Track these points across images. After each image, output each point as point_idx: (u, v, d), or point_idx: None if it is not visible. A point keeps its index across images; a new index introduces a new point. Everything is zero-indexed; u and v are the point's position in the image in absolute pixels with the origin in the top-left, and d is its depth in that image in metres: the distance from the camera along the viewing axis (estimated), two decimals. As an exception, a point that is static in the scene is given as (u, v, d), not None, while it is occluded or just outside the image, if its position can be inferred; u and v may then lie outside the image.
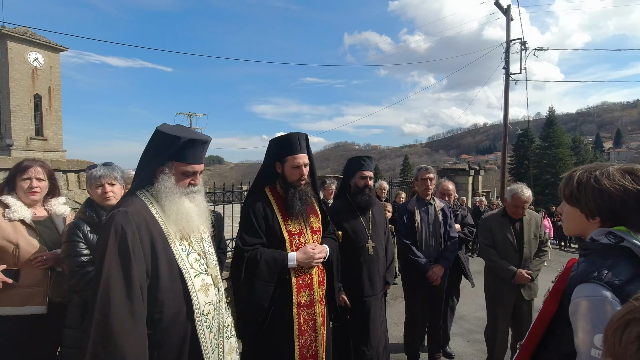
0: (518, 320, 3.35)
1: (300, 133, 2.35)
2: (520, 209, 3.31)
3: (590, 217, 1.29)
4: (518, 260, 3.30)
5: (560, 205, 1.45)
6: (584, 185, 1.29)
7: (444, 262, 3.45)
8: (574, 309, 1.21)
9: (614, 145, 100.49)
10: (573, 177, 1.34)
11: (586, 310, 1.16)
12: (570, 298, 1.22)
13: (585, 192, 1.28)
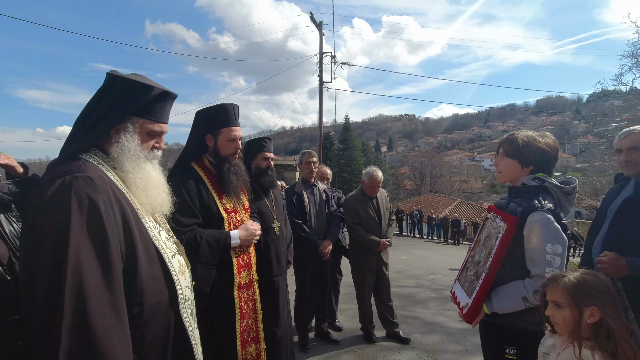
0: (380, 280, 4.03)
1: (234, 104, 2.22)
2: (376, 188, 3.97)
3: (525, 167, 1.85)
4: (379, 231, 3.95)
5: (497, 160, 1.98)
6: (527, 143, 1.84)
7: (331, 237, 3.82)
8: (529, 229, 1.72)
9: (388, 149, 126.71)
10: (515, 138, 1.89)
11: (540, 228, 1.69)
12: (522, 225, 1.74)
13: (529, 148, 1.83)
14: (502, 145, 1.97)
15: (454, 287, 2.17)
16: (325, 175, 4.46)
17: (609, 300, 1.31)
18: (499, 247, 1.79)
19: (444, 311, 5.16)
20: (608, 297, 1.31)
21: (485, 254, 1.91)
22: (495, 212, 1.99)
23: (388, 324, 4.06)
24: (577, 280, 1.35)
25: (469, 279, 1.99)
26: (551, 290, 1.41)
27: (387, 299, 4.05)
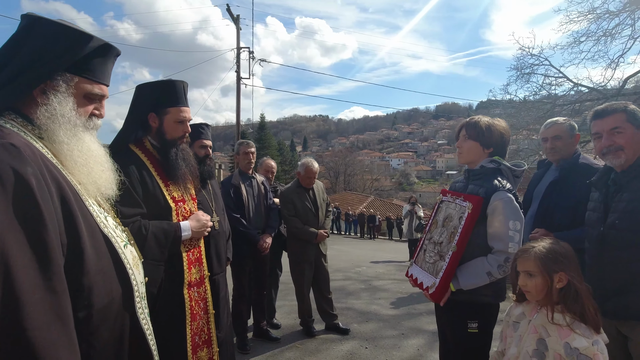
0: (319, 272, 3.98)
1: (184, 81, 1.94)
2: (312, 179, 3.90)
3: (486, 148, 1.93)
4: (317, 223, 3.89)
5: (459, 142, 2.03)
6: (489, 127, 1.91)
7: (271, 231, 3.65)
8: (493, 208, 1.79)
9: (303, 149, 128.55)
10: (477, 122, 1.96)
11: (502, 207, 1.76)
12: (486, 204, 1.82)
13: (491, 131, 1.90)
14: (463, 128, 2.04)
15: (411, 269, 2.19)
16: (270, 168, 4.27)
17: (573, 265, 1.42)
18: (466, 225, 1.84)
19: (375, 300, 5.33)
20: (572, 262, 1.43)
21: (447, 235, 1.96)
22: (453, 195, 2.05)
23: (327, 316, 4.03)
24: (545, 250, 1.44)
25: (430, 260, 2.02)
26: (522, 261, 1.48)
27: (327, 291, 4.02)
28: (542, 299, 1.46)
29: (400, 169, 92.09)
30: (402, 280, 6.71)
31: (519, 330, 1.54)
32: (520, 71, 12.51)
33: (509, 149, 8.42)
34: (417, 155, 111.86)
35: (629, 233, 1.63)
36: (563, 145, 2.46)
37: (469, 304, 1.88)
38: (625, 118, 1.76)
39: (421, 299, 5.35)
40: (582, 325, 1.34)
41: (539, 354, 1.40)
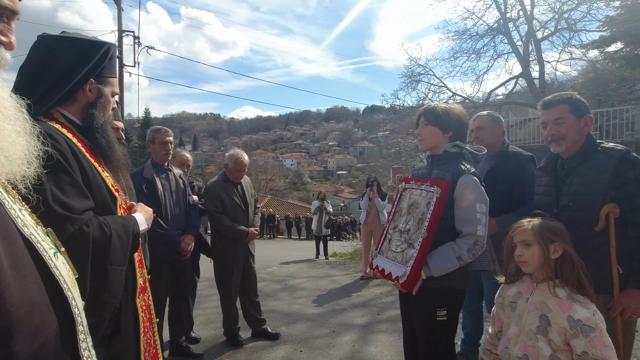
0: (246, 274, 3.64)
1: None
2: (242, 173, 3.57)
3: (446, 133, 1.89)
4: (247, 220, 3.57)
5: (419, 129, 1.96)
6: (446, 111, 1.87)
7: (193, 231, 3.18)
8: (460, 191, 1.75)
9: (193, 148, 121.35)
10: (434, 107, 1.91)
11: (470, 189, 1.74)
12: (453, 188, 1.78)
13: (448, 115, 1.86)
14: (422, 116, 1.99)
15: (376, 260, 2.07)
16: (185, 161, 3.73)
17: (567, 239, 1.49)
18: (435, 210, 1.79)
19: (297, 300, 5.15)
20: (566, 236, 1.50)
21: (415, 222, 1.89)
22: (417, 181, 1.99)
23: (255, 322, 3.71)
24: (542, 222, 1.51)
25: (398, 249, 1.93)
26: (519, 232, 1.52)
27: (254, 294, 3.70)
28: (538, 274, 1.49)
29: (294, 169, 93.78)
30: (317, 277, 6.68)
31: (517, 309, 1.55)
32: (411, 78, 13.81)
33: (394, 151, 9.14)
34: (309, 156, 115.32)
35: (582, 212, 1.77)
36: (486, 135, 2.67)
37: (439, 291, 1.84)
38: (568, 109, 1.91)
39: (341, 294, 5.37)
40: (580, 297, 1.40)
41: (542, 330, 1.42)
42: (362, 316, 4.35)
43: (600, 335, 1.32)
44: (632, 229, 1.74)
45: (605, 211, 1.75)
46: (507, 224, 2.28)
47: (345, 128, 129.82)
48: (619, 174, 1.75)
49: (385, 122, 19.52)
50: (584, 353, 1.33)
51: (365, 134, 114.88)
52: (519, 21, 13.54)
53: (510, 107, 15.62)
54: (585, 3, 12.13)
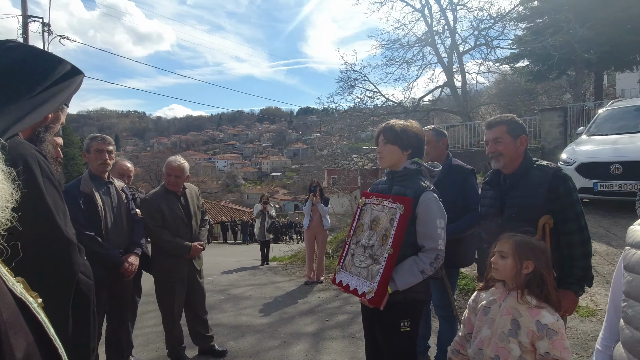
0: (193, 291, 3.46)
1: None
2: (179, 179, 3.28)
3: (405, 151, 1.97)
4: (190, 234, 3.35)
5: (379, 147, 2.03)
6: (404, 129, 1.96)
7: (137, 249, 2.95)
8: (422, 208, 1.86)
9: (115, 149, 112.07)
10: (393, 126, 1.98)
11: (432, 206, 1.85)
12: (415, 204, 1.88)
13: (406, 134, 1.95)
14: (381, 134, 2.07)
15: (340, 276, 2.10)
16: (125, 171, 3.42)
17: (544, 259, 1.65)
18: (399, 227, 1.87)
19: (242, 310, 5.02)
20: (544, 257, 1.66)
21: (378, 237, 1.95)
22: (378, 197, 2.06)
23: (202, 339, 3.54)
24: (523, 239, 1.66)
25: (362, 264, 1.98)
26: (500, 243, 1.69)
27: (202, 311, 3.52)
28: (511, 281, 1.65)
29: (227, 170, 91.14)
30: (261, 285, 6.57)
31: (490, 313, 1.69)
32: (347, 83, 14.21)
33: (327, 152, 9.40)
34: (243, 157, 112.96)
35: (523, 223, 1.98)
36: (431, 149, 2.85)
37: (402, 303, 1.92)
38: (506, 130, 2.13)
39: (287, 302, 5.35)
40: (547, 305, 1.57)
41: (513, 333, 1.57)
42: (311, 323, 4.38)
43: (561, 339, 1.51)
44: (564, 238, 1.99)
45: (542, 222, 1.98)
46: (452, 232, 2.48)
47: (280, 129, 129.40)
48: (553, 189, 1.99)
49: (318, 124, 19.87)
50: (546, 353, 1.50)
51: (299, 136, 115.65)
52: (444, 35, 14.65)
53: (436, 113, 16.82)
54: (500, 23, 13.51)
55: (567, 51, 11.80)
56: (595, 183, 5.77)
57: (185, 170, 3.31)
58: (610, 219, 5.88)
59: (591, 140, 6.53)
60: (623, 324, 1.19)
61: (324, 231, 6.53)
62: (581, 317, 3.73)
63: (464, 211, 2.67)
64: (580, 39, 11.46)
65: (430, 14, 14.49)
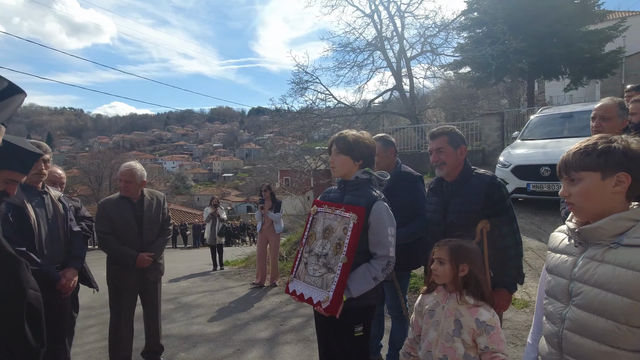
0: (146, 303, 3.34)
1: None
2: (130, 185, 3.17)
3: (357, 161, 2.04)
4: (140, 243, 3.22)
5: (331, 157, 2.07)
6: (356, 140, 2.02)
7: (76, 263, 2.76)
8: (374, 217, 1.93)
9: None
10: (345, 136, 2.04)
11: (383, 215, 1.93)
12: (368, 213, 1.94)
13: (358, 144, 2.01)
14: (334, 144, 2.12)
15: (293, 285, 2.12)
16: (56, 179, 3.20)
17: (477, 261, 1.79)
18: (353, 236, 1.92)
19: (193, 319, 4.87)
20: (477, 258, 1.80)
21: (332, 246, 2.00)
22: (330, 205, 2.11)
23: (152, 354, 3.40)
24: (457, 244, 1.78)
25: (316, 273, 2.01)
26: (438, 250, 1.79)
27: (155, 324, 3.39)
28: (450, 285, 1.76)
29: (176, 172, 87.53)
30: (213, 291, 6.42)
31: (434, 316, 1.79)
32: (299, 85, 14.24)
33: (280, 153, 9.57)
34: (192, 158, 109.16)
35: (464, 228, 2.12)
36: (380, 159, 2.95)
37: (356, 309, 1.98)
38: (447, 140, 2.27)
39: (241, 307, 5.27)
40: (483, 303, 1.71)
41: (457, 332, 1.69)
42: (265, 329, 4.36)
43: (497, 332, 1.65)
44: (499, 240, 2.16)
45: (480, 227, 2.13)
46: (402, 236, 2.59)
47: (231, 129, 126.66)
48: (489, 196, 2.16)
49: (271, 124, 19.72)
50: (486, 347, 1.64)
51: (251, 136, 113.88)
52: (393, 40, 15.16)
53: (386, 115, 17.36)
54: (444, 31, 14.25)
55: (503, 60, 12.72)
56: (528, 184, 6.28)
57: (136, 175, 3.20)
58: (541, 216, 6.43)
59: (524, 144, 7.10)
60: (545, 320, 1.32)
61: (276, 235, 6.53)
62: (516, 308, 4.05)
63: (413, 216, 2.80)
64: (514, 50, 12.40)
65: (379, 20, 14.94)
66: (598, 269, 1.15)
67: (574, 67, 14.20)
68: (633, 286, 1.08)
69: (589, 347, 1.15)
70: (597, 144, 1.18)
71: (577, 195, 1.20)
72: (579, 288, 1.19)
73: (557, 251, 1.32)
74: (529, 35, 12.90)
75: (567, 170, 1.23)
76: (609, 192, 1.15)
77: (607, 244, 1.16)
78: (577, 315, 1.18)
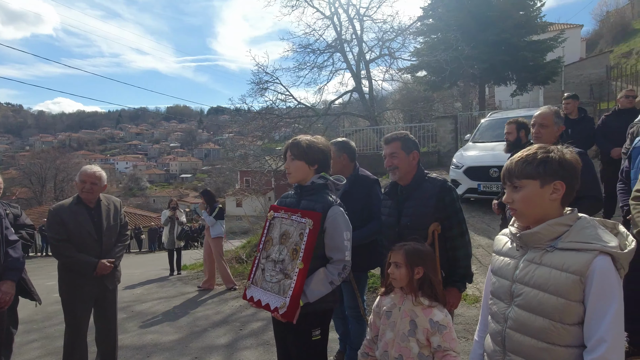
0: (102, 313, 3.17)
1: None
2: (96, 187, 3.03)
3: (312, 166, 2.05)
4: (99, 250, 3.06)
5: (287, 163, 2.06)
6: (309, 145, 2.02)
7: (13, 275, 2.56)
8: (330, 222, 1.95)
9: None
10: (299, 142, 2.04)
11: (339, 220, 1.96)
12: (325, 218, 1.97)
13: (312, 149, 2.02)
14: (288, 150, 2.12)
15: (250, 291, 2.10)
16: None
17: (431, 263, 1.86)
18: (309, 241, 1.93)
19: (148, 328, 4.68)
20: (430, 260, 1.87)
21: (288, 252, 1.99)
22: (287, 211, 2.10)
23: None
24: (412, 248, 1.83)
25: (273, 279, 2.00)
26: (394, 254, 1.84)
27: (112, 336, 3.22)
28: (406, 287, 1.81)
29: (129, 172, 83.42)
30: (169, 298, 6.19)
31: (391, 317, 1.84)
32: (259, 85, 14.09)
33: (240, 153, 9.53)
34: (147, 158, 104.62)
35: (417, 230, 2.19)
36: (334, 164, 3.00)
37: (313, 313, 1.99)
38: (400, 146, 2.34)
39: (199, 313, 5.13)
40: (437, 304, 1.78)
41: (412, 332, 1.75)
42: (224, 334, 4.26)
43: (449, 331, 1.73)
44: (449, 242, 2.25)
45: (432, 229, 2.22)
46: (359, 238, 2.64)
47: (189, 129, 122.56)
48: (440, 199, 2.24)
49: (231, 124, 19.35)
50: (439, 346, 1.71)
51: (210, 136, 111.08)
52: (352, 43, 15.38)
53: (346, 116, 17.60)
54: (401, 36, 14.67)
55: (457, 66, 13.32)
56: (479, 184, 6.62)
57: (102, 178, 3.12)
58: (491, 215, 6.78)
59: (475, 147, 7.47)
60: (490, 319, 1.40)
61: (213, 240, 6.53)
62: (468, 304, 4.26)
63: (370, 218, 2.86)
64: (466, 56, 13.00)
65: (339, 22, 15.10)
66: (537, 271, 1.24)
67: (520, 74, 15.13)
68: (566, 287, 1.16)
69: (529, 344, 1.23)
70: (536, 154, 1.26)
71: (519, 202, 1.28)
72: (520, 289, 1.27)
73: (501, 254, 1.40)
74: (480, 42, 13.59)
75: (511, 178, 1.30)
76: (547, 199, 1.24)
77: (544, 248, 1.24)
78: (518, 315, 1.26)
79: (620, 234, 1.23)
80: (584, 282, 1.15)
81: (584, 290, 1.16)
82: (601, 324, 1.13)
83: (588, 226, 1.21)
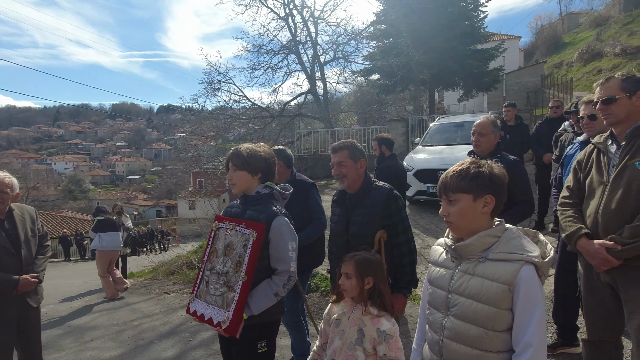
0: (25, 337, 2.87)
1: None
2: (7, 197, 2.74)
3: (255, 175, 2.01)
4: (18, 265, 2.77)
5: (229, 174, 2.01)
6: (250, 154, 1.98)
7: None
8: (275, 232, 1.93)
9: None
10: (240, 152, 2.00)
11: (283, 231, 1.94)
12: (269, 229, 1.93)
13: (253, 158, 1.98)
14: (230, 160, 2.07)
15: (194, 305, 2.02)
16: None
17: (380, 273, 1.88)
18: (252, 253, 1.88)
19: (87, 344, 4.36)
20: (380, 270, 1.89)
21: (233, 264, 1.94)
22: (232, 221, 2.04)
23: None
24: (363, 258, 1.85)
25: (217, 292, 1.93)
26: (345, 265, 1.84)
27: (39, 355, 2.96)
28: (357, 297, 1.83)
29: (69, 174, 77.66)
30: (113, 309, 5.82)
31: (340, 325, 1.84)
32: (211, 85, 13.70)
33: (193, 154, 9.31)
34: (90, 159, 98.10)
35: (365, 238, 2.22)
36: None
37: (258, 326, 1.95)
38: (347, 154, 2.37)
39: (145, 325, 4.87)
40: (385, 313, 1.80)
41: (359, 341, 1.76)
42: (172, 346, 4.08)
43: (395, 341, 1.76)
44: (395, 249, 2.31)
45: (378, 236, 2.26)
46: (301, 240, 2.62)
47: (137, 127, 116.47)
48: (386, 207, 2.29)
49: (182, 123, 18.68)
50: (384, 355, 1.74)
51: (160, 135, 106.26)
52: (307, 45, 15.41)
53: (301, 118, 17.60)
54: (355, 40, 14.93)
55: (408, 70, 13.78)
56: (428, 186, 6.89)
57: (14, 185, 2.80)
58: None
59: (424, 150, 7.77)
60: (427, 328, 1.44)
61: (98, 252, 6.93)
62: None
63: (309, 220, 2.92)
64: (416, 62, 13.50)
65: (294, 24, 15.07)
66: (470, 281, 1.29)
67: (466, 81, 15.96)
68: (497, 296, 1.22)
69: (464, 352, 1.28)
70: (469, 169, 1.32)
71: (454, 215, 1.33)
72: (456, 299, 1.32)
73: (437, 264, 1.45)
74: (430, 49, 14.16)
75: (446, 192, 1.35)
76: (479, 212, 1.30)
77: (477, 259, 1.30)
78: (454, 325, 1.31)
79: (540, 242, 1.32)
80: (512, 291, 1.22)
81: (512, 298, 1.22)
82: (527, 329, 1.20)
83: (514, 237, 1.28)
